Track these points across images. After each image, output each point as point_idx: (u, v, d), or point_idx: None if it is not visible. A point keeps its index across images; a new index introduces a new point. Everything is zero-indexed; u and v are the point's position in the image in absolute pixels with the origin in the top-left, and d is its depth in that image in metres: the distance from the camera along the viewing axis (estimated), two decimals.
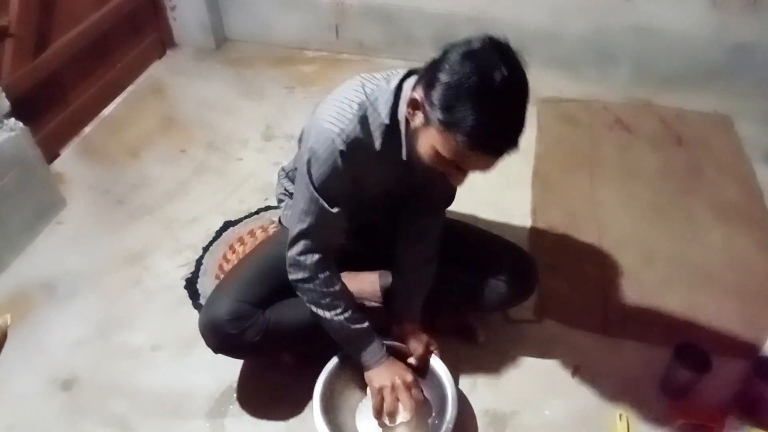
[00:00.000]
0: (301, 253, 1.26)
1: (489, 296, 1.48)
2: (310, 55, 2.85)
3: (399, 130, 1.16)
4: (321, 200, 1.20)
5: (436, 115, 1.02)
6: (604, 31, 2.48)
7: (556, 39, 2.54)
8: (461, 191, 1.92)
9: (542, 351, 1.61)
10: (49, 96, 2.20)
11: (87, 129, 2.39)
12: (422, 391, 1.40)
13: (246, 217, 2.00)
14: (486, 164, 1.08)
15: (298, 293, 1.31)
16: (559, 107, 2.48)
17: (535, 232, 1.94)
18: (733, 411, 1.46)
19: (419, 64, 1.13)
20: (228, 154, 2.27)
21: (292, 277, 1.29)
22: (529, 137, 2.33)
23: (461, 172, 1.12)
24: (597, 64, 2.57)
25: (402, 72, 1.19)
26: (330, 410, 1.36)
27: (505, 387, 1.53)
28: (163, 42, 2.85)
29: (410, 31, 2.69)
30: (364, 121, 1.16)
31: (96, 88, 2.43)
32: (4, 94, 1.78)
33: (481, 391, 1.52)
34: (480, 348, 1.60)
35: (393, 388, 1.34)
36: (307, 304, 1.31)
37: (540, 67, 2.64)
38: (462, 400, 1.47)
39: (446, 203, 1.53)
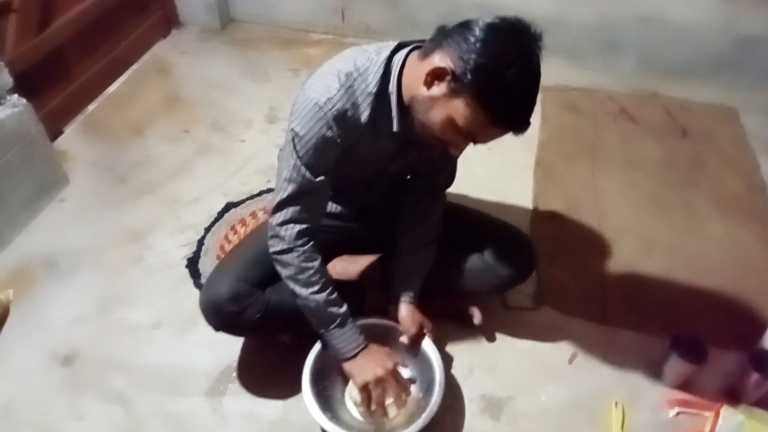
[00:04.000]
0: (282, 224, 1.23)
1: (488, 278, 1.49)
2: (315, 37, 2.84)
3: (389, 102, 1.16)
4: (303, 168, 1.18)
5: (471, 88, 1.03)
6: (610, 20, 2.47)
7: (562, 27, 2.51)
8: (464, 178, 1.94)
9: (540, 338, 1.62)
10: (53, 73, 2.20)
11: (91, 106, 2.39)
12: (405, 374, 1.40)
13: (248, 198, 2.00)
14: (497, 137, 1.11)
15: (277, 267, 1.28)
16: (564, 96, 2.47)
17: (535, 220, 1.94)
18: (729, 402, 1.47)
19: None
20: (231, 135, 2.28)
21: (272, 249, 1.26)
22: (533, 125, 2.33)
23: (465, 143, 1.14)
24: (603, 53, 2.56)
25: (392, 44, 1.19)
26: (320, 383, 1.37)
27: (502, 373, 1.55)
28: (169, 21, 2.84)
29: (416, 15, 2.67)
30: (351, 91, 1.15)
31: (100, 65, 2.43)
32: (7, 69, 1.77)
33: (478, 376, 1.54)
34: (477, 333, 1.61)
35: (377, 381, 1.31)
36: (285, 280, 1.28)
37: (546, 56, 2.62)
38: (451, 384, 1.48)
39: (445, 186, 1.53)
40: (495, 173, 2.12)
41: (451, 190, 1.56)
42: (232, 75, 2.60)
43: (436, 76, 1.07)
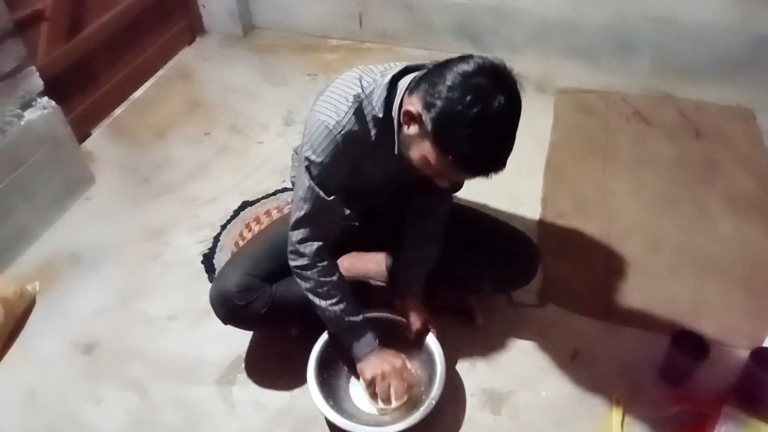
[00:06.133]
0: (301, 241, 1.30)
1: (491, 279, 1.53)
2: (333, 43, 2.91)
3: (392, 125, 1.21)
4: (317, 188, 1.24)
5: (432, 135, 1.07)
6: (624, 22, 2.47)
7: (575, 29, 2.53)
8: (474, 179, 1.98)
9: (543, 334, 1.64)
10: (82, 78, 2.30)
11: (117, 110, 2.49)
12: (412, 370, 1.44)
13: (263, 197, 2.07)
14: (470, 178, 1.16)
15: (298, 280, 1.34)
16: (577, 98, 2.49)
17: (544, 219, 1.96)
18: (730, 400, 1.46)
19: (440, 52, 1.17)
20: (249, 137, 2.35)
21: (292, 264, 1.33)
22: (544, 126, 2.37)
23: (448, 179, 1.18)
24: (617, 54, 2.56)
25: (398, 67, 1.22)
26: (325, 372, 1.43)
27: (504, 367, 1.57)
28: (193, 29, 2.94)
29: (431, 20, 2.71)
30: (359, 113, 1.20)
31: (127, 71, 2.53)
32: (38, 74, 1.87)
33: (480, 370, 1.56)
34: (481, 329, 1.64)
35: (383, 376, 1.36)
36: (305, 292, 1.34)
37: (559, 57, 2.70)
38: (454, 377, 1.51)
39: (452, 191, 1.57)
40: (505, 174, 2.11)
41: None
42: (252, 80, 2.68)
43: (408, 117, 1.13)
